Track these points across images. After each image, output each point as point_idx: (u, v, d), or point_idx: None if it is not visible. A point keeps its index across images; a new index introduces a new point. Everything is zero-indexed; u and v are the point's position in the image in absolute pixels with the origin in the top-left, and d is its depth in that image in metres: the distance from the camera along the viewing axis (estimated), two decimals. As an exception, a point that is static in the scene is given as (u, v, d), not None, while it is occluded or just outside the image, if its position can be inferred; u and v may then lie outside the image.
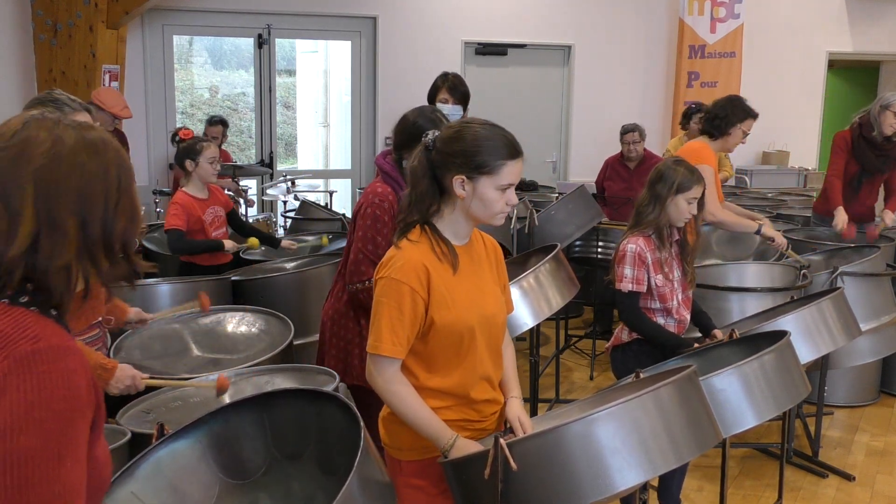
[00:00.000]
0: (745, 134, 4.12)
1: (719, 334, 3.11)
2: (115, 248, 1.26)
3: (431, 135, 2.04)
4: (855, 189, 5.12)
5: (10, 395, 1.11)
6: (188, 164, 4.13)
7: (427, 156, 2.02)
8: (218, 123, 6.59)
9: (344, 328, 2.91)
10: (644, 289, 3.02)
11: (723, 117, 4.09)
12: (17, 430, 1.11)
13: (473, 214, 2.02)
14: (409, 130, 2.79)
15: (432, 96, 4.14)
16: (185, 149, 4.17)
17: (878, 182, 5.18)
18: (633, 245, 3.02)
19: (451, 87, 4.10)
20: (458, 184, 1.98)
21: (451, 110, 3.94)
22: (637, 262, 3.00)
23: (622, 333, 3.13)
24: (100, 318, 2.47)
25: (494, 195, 1.98)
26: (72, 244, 1.20)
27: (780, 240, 4.11)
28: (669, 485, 3.20)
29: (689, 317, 3.14)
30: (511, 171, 1.98)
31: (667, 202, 3.00)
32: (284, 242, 4.56)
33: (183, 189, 4.16)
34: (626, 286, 3.00)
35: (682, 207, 3.01)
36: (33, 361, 1.13)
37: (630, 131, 6.38)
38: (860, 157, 5.04)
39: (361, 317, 2.87)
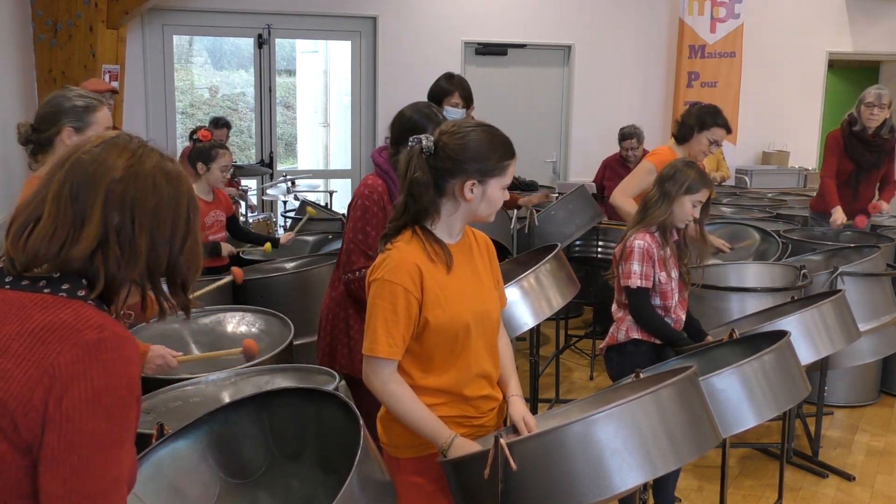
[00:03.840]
0: (713, 143, 4.06)
1: (710, 339, 3.14)
2: (177, 281, 1.33)
3: (426, 140, 2.00)
4: (853, 187, 5.14)
5: (79, 381, 1.15)
6: (200, 166, 4.15)
7: (429, 163, 2.00)
8: (223, 126, 6.58)
9: (336, 317, 2.97)
10: (651, 284, 3.04)
11: (689, 124, 4.10)
12: (86, 415, 1.15)
13: (479, 214, 2.07)
14: (406, 126, 2.82)
15: (439, 98, 4.11)
16: (200, 151, 4.18)
17: (876, 178, 5.21)
18: (641, 241, 3.04)
19: (462, 90, 4.09)
20: (468, 188, 2.00)
21: (459, 114, 3.93)
22: (645, 258, 3.03)
23: (617, 333, 3.14)
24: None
25: (500, 194, 2.06)
26: (141, 261, 1.26)
27: None
28: (665, 483, 3.22)
29: (684, 317, 3.17)
30: (513, 169, 2.09)
31: (674, 201, 3.04)
32: (283, 238, 4.55)
33: None
34: (635, 282, 3.02)
35: (686, 209, 3.05)
36: (99, 349, 1.18)
37: (628, 138, 6.38)
38: (853, 154, 5.09)
39: (351, 308, 2.92)
